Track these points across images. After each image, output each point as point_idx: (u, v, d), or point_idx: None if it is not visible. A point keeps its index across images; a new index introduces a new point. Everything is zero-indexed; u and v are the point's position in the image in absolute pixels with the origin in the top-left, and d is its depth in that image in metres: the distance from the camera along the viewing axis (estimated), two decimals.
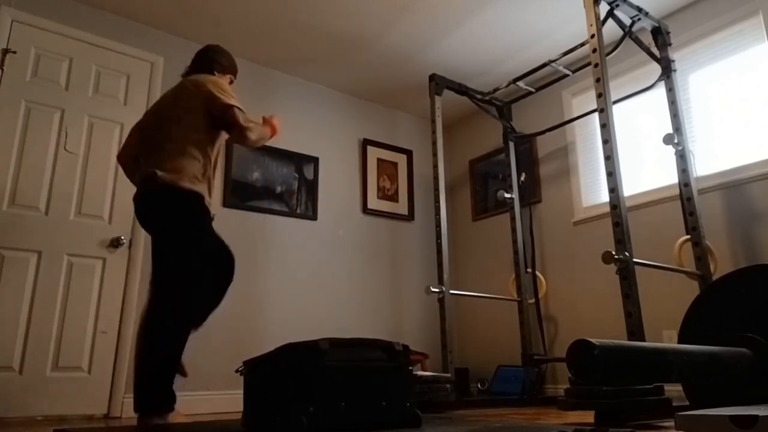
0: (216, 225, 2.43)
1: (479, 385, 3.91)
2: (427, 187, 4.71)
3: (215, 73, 2.54)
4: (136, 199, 2.33)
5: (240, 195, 3.69)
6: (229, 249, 2.39)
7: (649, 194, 3.41)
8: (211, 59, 2.57)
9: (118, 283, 3.15)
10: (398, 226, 4.49)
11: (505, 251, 4.21)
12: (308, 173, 4.07)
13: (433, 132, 3.64)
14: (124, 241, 3.19)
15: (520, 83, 3.81)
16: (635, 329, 2.38)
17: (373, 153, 4.49)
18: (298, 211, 3.95)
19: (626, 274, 2.42)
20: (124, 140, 2.60)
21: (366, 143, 4.46)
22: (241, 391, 1.99)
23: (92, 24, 3.35)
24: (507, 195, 4.02)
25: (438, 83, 3.71)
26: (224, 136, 2.45)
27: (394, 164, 4.60)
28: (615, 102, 3.31)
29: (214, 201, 3.51)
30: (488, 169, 4.59)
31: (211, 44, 2.69)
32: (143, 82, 3.47)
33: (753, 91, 3.07)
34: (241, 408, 1.96)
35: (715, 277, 2.75)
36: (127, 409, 3.00)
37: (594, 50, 2.76)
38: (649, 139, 3.52)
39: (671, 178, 3.21)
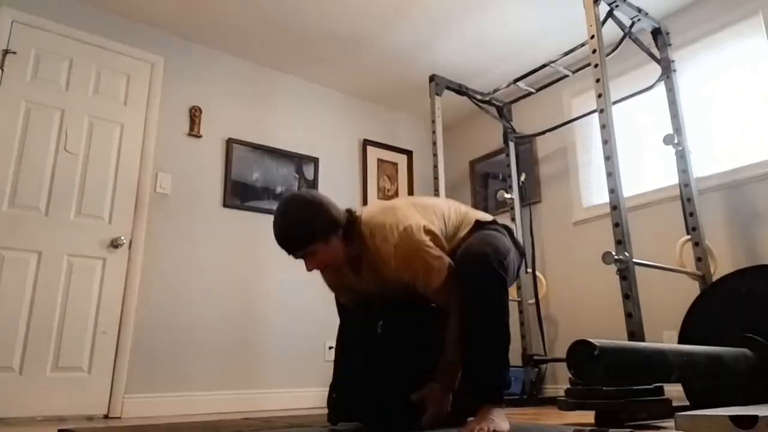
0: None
1: None
2: (427, 188, 4.71)
3: None
4: None
5: (240, 195, 3.69)
6: None
7: (649, 195, 3.40)
8: None
9: (118, 283, 3.15)
10: None
11: None
12: (308, 173, 4.07)
13: (433, 132, 3.64)
14: (124, 241, 3.18)
15: (520, 84, 3.81)
16: (635, 329, 2.38)
17: (373, 153, 4.49)
18: None
19: (626, 274, 2.42)
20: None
21: (366, 143, 4.46)
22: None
23: (92, 24, 3.35)
24: (507, 195, 4.02)
25: (438, 83, 3.71)
26: None
27: (394, 164, 4.60)
28: (615, 102, 3.30)
29: (214, 201, 3.53)
30: (488, 169, 4.59)
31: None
32: (143, 82, 3.47)
33: (753, 91, 3.07)
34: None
35: (715, 278, 2.75)
36: (127, 409, 3.00)
37: (594, 51, 2.76)
38: (649, 140, 3.51)
39: (671, 178, 3.21)
